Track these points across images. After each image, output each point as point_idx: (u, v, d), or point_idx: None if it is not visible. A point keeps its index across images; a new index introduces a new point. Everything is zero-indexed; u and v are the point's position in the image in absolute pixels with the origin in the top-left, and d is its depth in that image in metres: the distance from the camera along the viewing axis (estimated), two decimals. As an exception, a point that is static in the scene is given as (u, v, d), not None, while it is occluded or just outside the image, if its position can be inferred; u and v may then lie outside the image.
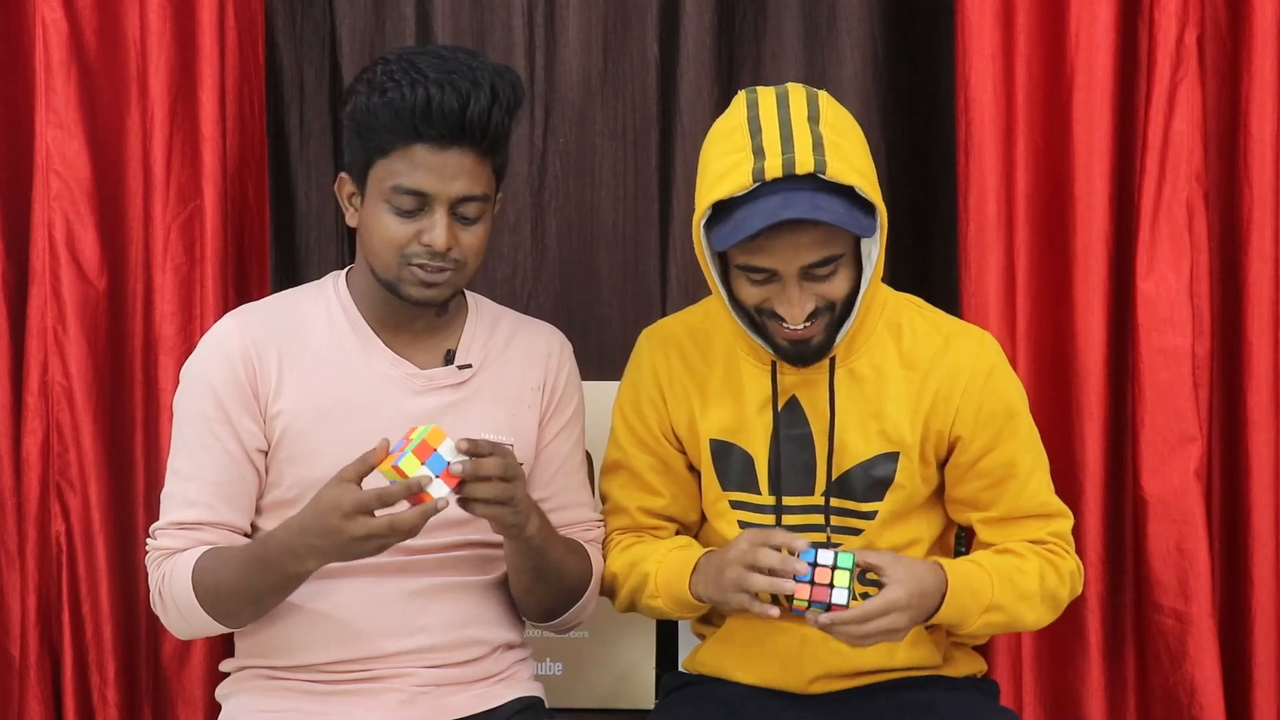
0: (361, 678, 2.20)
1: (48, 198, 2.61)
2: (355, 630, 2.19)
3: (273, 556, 2.08)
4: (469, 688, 2.24)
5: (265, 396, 2.19)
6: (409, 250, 2.15)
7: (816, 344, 2.15)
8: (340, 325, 2.24)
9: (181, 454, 2.21)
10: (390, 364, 2.23)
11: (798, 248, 2.06)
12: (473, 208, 2.16)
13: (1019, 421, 2.24)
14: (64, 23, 2.61)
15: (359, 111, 2.15)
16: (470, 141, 2.13)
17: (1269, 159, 2.56)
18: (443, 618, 2.22)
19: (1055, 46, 2.60)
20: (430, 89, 2.10)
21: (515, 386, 2.29)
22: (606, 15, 2.87)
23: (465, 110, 2.11)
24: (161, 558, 2.18)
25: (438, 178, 2.12)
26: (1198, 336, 2.57)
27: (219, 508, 2.18)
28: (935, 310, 2.31)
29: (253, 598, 2.13)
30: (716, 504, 2.27)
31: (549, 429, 2.32)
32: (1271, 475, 2.58)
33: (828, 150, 2.05)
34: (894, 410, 2.21)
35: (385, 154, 2.14)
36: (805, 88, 2.14)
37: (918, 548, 2.26)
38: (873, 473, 2.22)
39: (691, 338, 2.30)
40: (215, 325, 2.27)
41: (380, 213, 2.15)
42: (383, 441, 2.01)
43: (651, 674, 2.73)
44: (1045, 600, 2.21)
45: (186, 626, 2.19)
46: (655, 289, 2.88)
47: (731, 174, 2.06)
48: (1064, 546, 2.25)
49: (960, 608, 2.13)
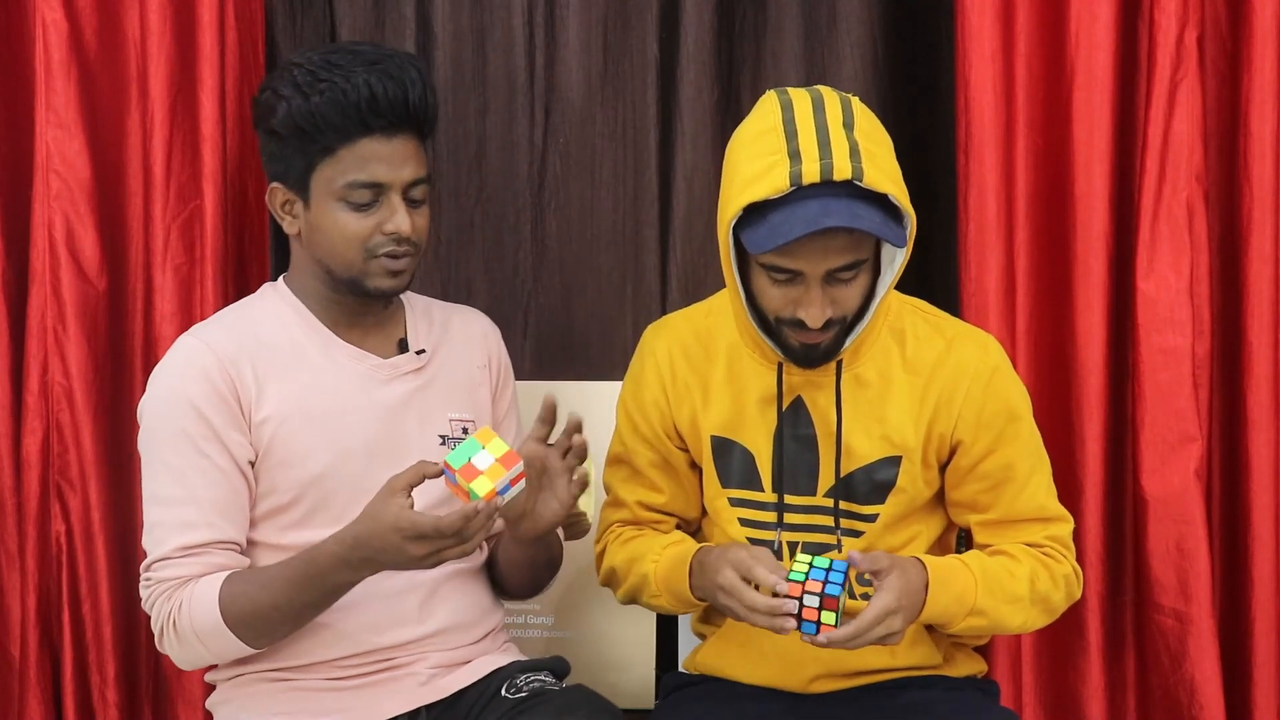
0: (380, 668, 2.22)
1: (48, 198, 2.62)
2: (370, 624, 2.20)
3: (324, 571, 2.08)
4: (473, 661, 2.28)
5: (249, 406, 2.18)
6: (373, 243, 2.18)
7: (825, 348, 2.15)
8: (296, 330, 2.26)
9: (165, 479, 2.17)
10: (354, 359, 2.26)
11: (827, 252, 2.06)
12: (420, 190, 2.21)
13: (1020, 425, 2.23)
14: (64, 23, 2.61)
15: (297, 115, 2.16)
16: (413, 126, 2.19)
17: (1269, 159, 2.57)
18: (449, 603, 2.26)
19: (1055, 46, 2.60)
20: (369, 79, 2.14)
21: (464, 367, 2.35)
22: (606, 15, 2.87)
23: (407, 96, 2.16)
24: (173, 588, 2.14)
25: (389, 166, 2.17)
26: (1198, 336, 2.57)
27: (220, 525, 2.16)
28: (939, 313, 2.31)
29: (294, 615, 2.12)
30: (715, 501, 2.27)
31: (500, 405, 2.39)
32: (1271, 475, 2.58)
33: (864, 158, 2.04)
34: (897, 415, 2.21)
35: (330, 153, 2.16)
36: (838, 93, 2.13)
37: (916, 545, 2.26)
38: (875, 476, 2.22)
39: (695, 334, 2.30)
40: (175, 346, 2.24)
41: (335, 212, 2.18)
42: (435, 466, 2.03)
43: (651, 674, 2.73)
44: (1036, 603, 2.21)
45: (204, 654, 2.17)
46: (655, 289, 2.88)
47: (767, 176, 2.04)
48: (1061, 550, 2.24)
49: (943, 609, 2.13)
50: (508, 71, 2.86)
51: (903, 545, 2.24)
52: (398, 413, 2.25)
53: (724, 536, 2.26)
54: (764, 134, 2.09)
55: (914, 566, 2.11)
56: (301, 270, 2.27)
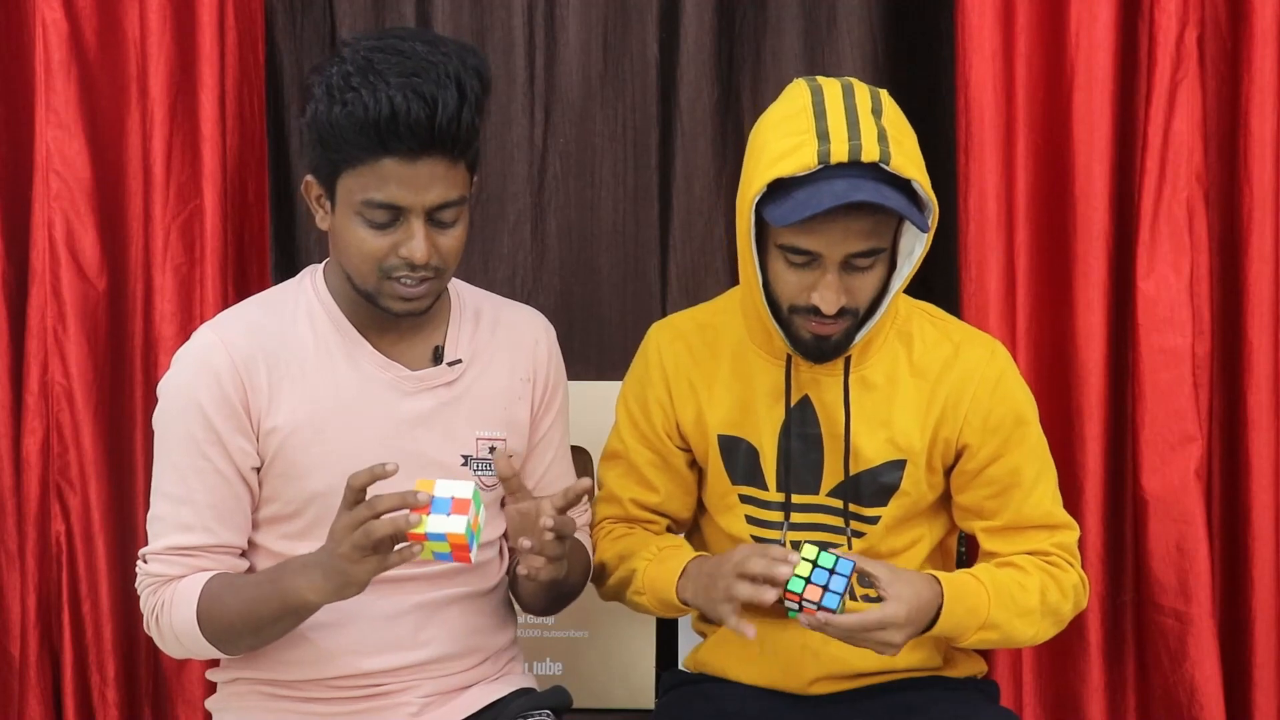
0: (370, 694, 2.17)
1: (48, 198, 2.62)
2: (363, 645, 2.15)
3: (279, 577, 2.02)
4: (470, 690, 2.23)
5: (257, 414, 2.12)
6: (387, 264, 2.05)
7: (836, 341, 2.15)
8: (324, 329, 2.17)
9: (169, 476, 2.12)
10: (380, 367, 2.16)
11: (848, 234, 2.06)
12: (449, 213, 2.06)
13: (1027, 430, 2.23)
14: (64, 23, 2.61)
15: (320, 122, 2.04)
16: (441, 149, 2.01)
17: (1269, 159, 2.56)
18: (448, 629, 2.20)
19: (1055, 46, 2.60)
20: (394, 97, 1.97)
21: (505, 379, 2.24)
22: (606, 15, 2.87)
23: (434, 119, 1.98)
24: (157, 585, 2.11)
25: (410, 190, 2.01)
26: (1198, 336, 2.57)
27: (216, 529, 2.12)
28: (947, 318, 2.31)
29: (254, 627, 2.06)
30: (725, 498, 2.27)
31: (542, 422, 2.28)
32: (1271, 475, 2.58)
33: (891, 143, 2.06)
34: (903, 418, 2.21)
35: (353, 166, 2.02)
36: (868, 85, 2.15)
37: (919, 548, 2.26)
38: (880, 479, 2.21)
39: (700, 332, 2.30)
40: (193, 339, 2.18)
41: (353, 225, 2.06)
42: (390, 466, 1.93)
43: (651, 674, 2.73)
44: (1046, 615, 2.20)
45: (182, 651, 2.14)
46: (655, 289, 2.88)
47: (795, 154, 2.05)
48: (1068, 559, 2.23)
49: (956, 624, 2.13)
50: (508, 72, 2.86)
51: (905, 548, 2.24)
52: (419, 428, 2.16)
53: (725, 535, 2.26)
54: (792, 116, 2.10)
55: (928, 583, 2.10)
56: (334, 268, 2.18)
